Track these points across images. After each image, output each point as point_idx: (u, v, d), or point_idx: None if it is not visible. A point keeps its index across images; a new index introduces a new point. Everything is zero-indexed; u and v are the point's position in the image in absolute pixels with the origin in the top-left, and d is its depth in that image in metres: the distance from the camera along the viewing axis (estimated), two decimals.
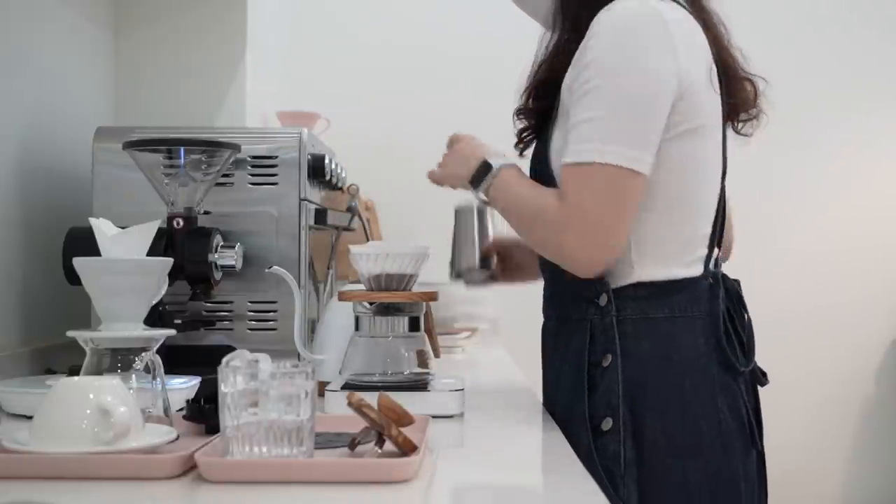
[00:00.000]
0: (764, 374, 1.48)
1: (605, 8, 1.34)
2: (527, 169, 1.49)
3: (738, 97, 1.46)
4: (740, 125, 1.50)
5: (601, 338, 1.37)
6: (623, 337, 1.36)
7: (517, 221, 1.43)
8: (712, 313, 1.38)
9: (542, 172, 1.44)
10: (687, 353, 1.36)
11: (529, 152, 1.54)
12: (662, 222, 1.38)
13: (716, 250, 1.44)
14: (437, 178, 1.58)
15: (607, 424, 1.33)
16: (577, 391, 1.37)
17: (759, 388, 1.48)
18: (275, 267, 1.49)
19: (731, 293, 1.43)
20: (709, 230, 1.42)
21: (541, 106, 1.47)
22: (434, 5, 3.38)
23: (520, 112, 1.52)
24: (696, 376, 1.36)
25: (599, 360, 1.36)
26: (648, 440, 1.33)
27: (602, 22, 1.33)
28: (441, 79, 3.34)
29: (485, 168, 1.45)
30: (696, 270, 1.40)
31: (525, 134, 1.53)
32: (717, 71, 1.41)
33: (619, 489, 1.31)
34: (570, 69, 1.38)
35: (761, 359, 1.48)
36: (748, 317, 1.44)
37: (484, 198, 1.47)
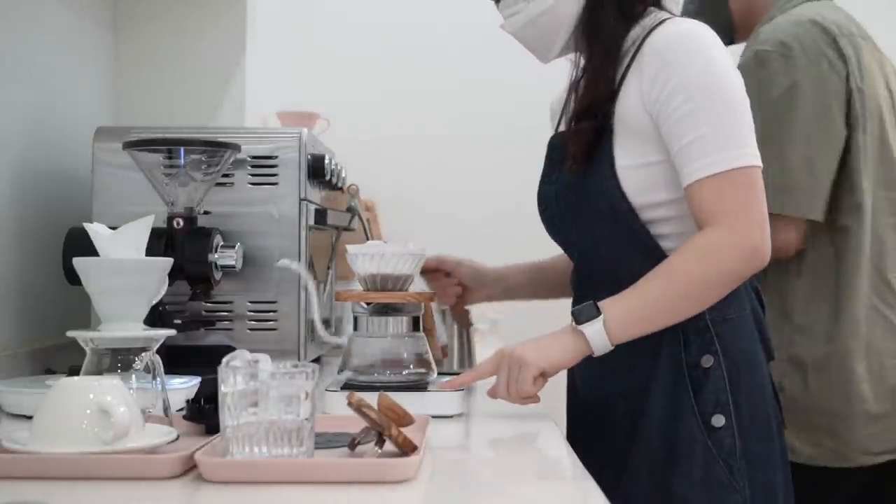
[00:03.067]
0: None
1: (655, 34, 1.41)
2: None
3: None
4: None
5: (697, 340, 1.43)
6: (719, 338, 1.43)
7: (678, 303, 1.39)
8: (753, 309, 1.49)
9: (595, 191, 1.44)
10: (754, 348, 1.48)
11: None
12: None
13: None
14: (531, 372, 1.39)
15: (719, 421, 1.41)
16: (680, 392, 1.43)
17: None
18: (283, 260, 1.49)
19: (754, 288, 1.51)
20: None
21: (590, 126, 1.46)
22: (435, 6, 3.38)
23: (570, 136, 1.49)
24: (762, 368, 1.49)
25: (697, 362, 1.43)
26: (742, 428, 1.42)
27: (665, 47, 1.40)
28: (442, 79, 3.34)
29: (588, 313, 1.36)
30: None
31: (578, 157, 1.47)
32: None
33: (738, 480, 1.41)
34: (631, 91, 1.42)
35: None
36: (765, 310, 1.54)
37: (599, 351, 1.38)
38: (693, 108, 1.37)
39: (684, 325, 1.41)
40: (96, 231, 1.17)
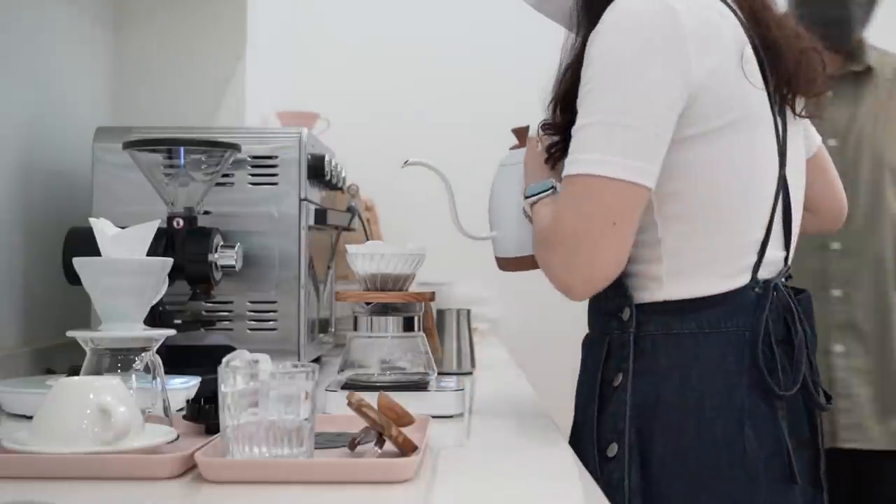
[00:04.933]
0: (829, 399, 1.33)
1: (613, 3, 1.25)
2: None
3: (792, 75, 1.31)
4: (799, 107, 1.34)
5: (616, 354, 1.29)
6: (640, 355, 1.26)
7: (535, 238, 1.35)
8: (753, 328, 1.25)
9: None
10: (710, 372, 1.25)
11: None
12: (696, 233, 1.26)
13: (779, 253, 1.32)
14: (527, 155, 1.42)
15: (612, 450, 1.25)
16: (588, 410, 1.30)
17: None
18: (410, 159, 1.49)
19: (782, 306, 1.28)
20: (760, 235, 1.28)
21: (567, 118, 1.35)
22: (435, 5, 3.38)
23: (546, 126, 1.42)
24: (718, 398, 1.24)
25: (611, 378, 1.28)
26: (657, 463, 1.24)
27: (607, 17, 1.24)
28: (441, 78, 3.34)
29: (542, 186, 1.35)
30: (741, 281, 1.27)
31: (554, 149, 1.41)
32: (760, 52, 1.29)
33: None
34: None
35: None
36: (802, 333, 1.28)
37: (529, 214, 1.37)
38: (591, 89, 1.23)
39: (612, 337, 1.30)
40: (100, 227, 1.17)
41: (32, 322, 1.77)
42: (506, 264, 1.48)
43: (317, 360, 1.90)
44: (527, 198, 1.36)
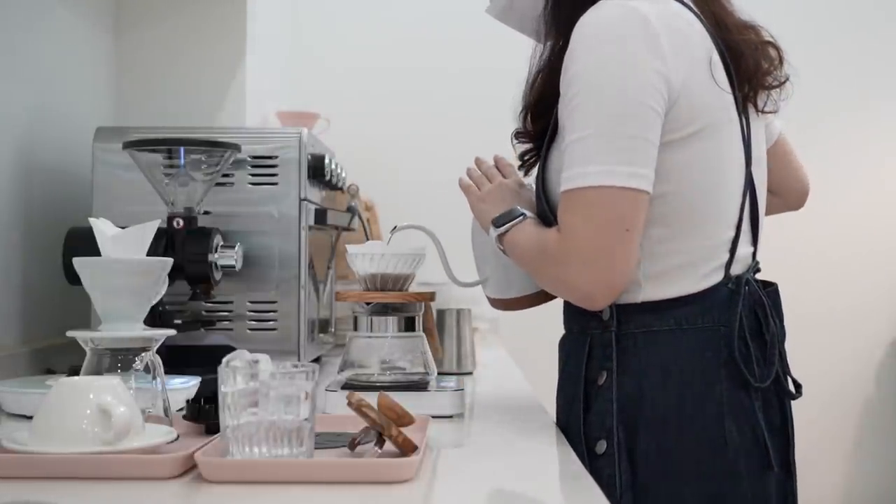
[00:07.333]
0: (798, 387, 1.37)
1: (585, 14, 1.27)
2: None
3: (752, 74, 1.34)
4: (762, 103, 1.37)
5: (599, 353, 1.32)
6: (622, 353, 1.30)
7: (526, 262, 1.36)
8: (729, 323, 1.29)
9: (543, 197, 1.37)
10: (690, 367, 1.28)
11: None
12: (674, 236, 1.29)
13: (748, 249, 1.35)
14: (471, 200, 1.49)
15: (601, 447, 1.28)
16: (574, 409, 1.33)
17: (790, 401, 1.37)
18: (399, 225, 1.52)
19: (754, 300, 1.32)
20: (732, 233, 1.32)
21: (540, 126, 1.39)
22: (434, 6, 3.38)
23: (519, 134, 1.45)
24: (698, 392, 1.27)
25: (595, 378, 1.31)
26: (642, 459, 1.27)
27: (581, 30, 1.26)
28: (441, 79, 3.34)
29: (510, 214, 1.38)
30: (715, 279, 1.30)
31: (528, 157, 1.45)
32: (725, 56, 1.31)
33: None
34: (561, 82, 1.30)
35: None
36: (774, 326, 1.32)
37: (500, 245, 1.39)
38: (579, 104, 1.24)
39: (593, 336, 1.33)
40: (100, 227, 1.17)
41: (32, 322, 1.77)
42: (499, 305, 1.53)
43: (317, 360, 1.90)
44: (497, 226, 1.37)
